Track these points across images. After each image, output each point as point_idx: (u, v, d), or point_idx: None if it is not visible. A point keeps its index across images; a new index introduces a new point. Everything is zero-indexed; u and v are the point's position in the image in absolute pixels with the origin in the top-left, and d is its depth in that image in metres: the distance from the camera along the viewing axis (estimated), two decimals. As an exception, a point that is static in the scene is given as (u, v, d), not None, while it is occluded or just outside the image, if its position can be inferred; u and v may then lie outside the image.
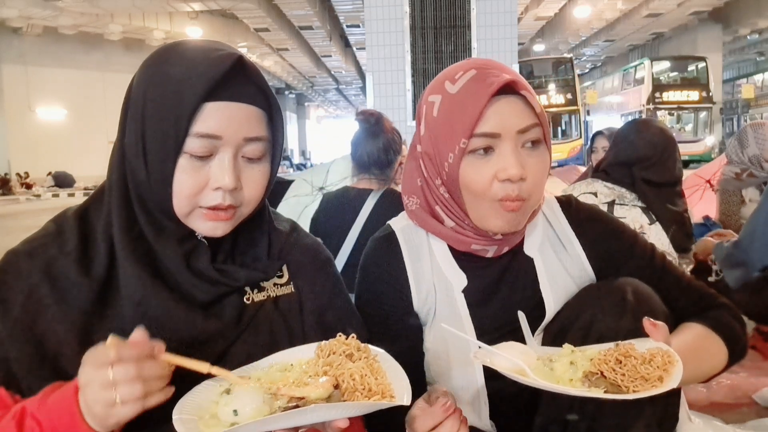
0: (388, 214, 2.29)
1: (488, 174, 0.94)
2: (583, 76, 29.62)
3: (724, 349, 1.00)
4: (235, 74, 0.83)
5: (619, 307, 0.94)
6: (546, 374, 0.83)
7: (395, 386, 0.75)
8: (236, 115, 0.83)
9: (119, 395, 0.70)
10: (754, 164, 2.93)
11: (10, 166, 18.81)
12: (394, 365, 0.80)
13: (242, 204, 0.87)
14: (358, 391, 0.72)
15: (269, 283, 0.95)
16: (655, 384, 0.79)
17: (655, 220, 2.18)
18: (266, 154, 0.89)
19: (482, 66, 0.97)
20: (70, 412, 0.72)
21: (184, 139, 0.81)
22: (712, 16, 20.57)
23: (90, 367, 0.71)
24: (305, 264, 1.00)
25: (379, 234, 1.12)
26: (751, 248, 2.07)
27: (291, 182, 3.17)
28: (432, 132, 0.99)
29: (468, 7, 4.74)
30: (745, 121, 21.04)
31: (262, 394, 0.73)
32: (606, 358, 0.82)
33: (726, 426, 1.57)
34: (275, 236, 0.98)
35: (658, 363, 0.80)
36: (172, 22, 18.96)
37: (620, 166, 2.28)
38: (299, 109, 41.71)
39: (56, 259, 0.84)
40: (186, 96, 0.80)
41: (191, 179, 0.82)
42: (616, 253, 1.07)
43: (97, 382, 0.70)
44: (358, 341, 0.80)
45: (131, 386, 0.70)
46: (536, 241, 1.08)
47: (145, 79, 0.84)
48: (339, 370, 0.74)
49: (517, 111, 0.94)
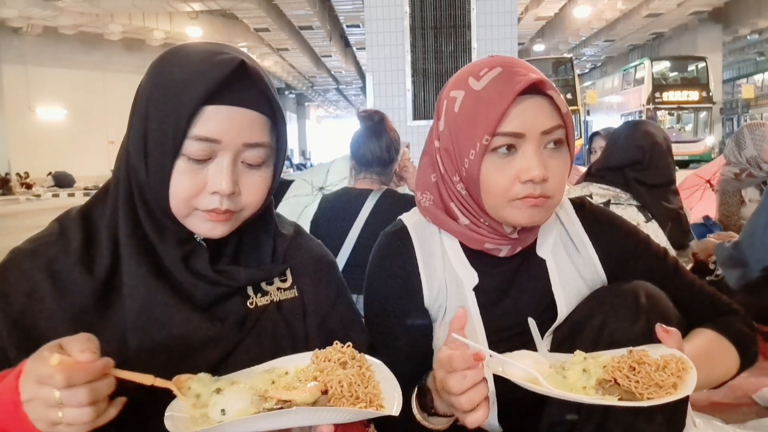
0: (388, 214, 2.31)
1: (510, 174, 0.93)
2: (583, 76, 29.61)
3: (735, 356, 1.00)
4: (238, 78, 0.82)
5: (631, 310, 0.93)
6: (559, 382, 0.82)
7: (387, 396, 0.76)
8: (237, 120, 0.82)
9: (66, 418, 0.66)
10: (752, 165, 2.94)
11: (10, 166, 18.79)
12: (389, 376, 0.80)
13: (242, 209, 0.87)
14: (344, 398, 0.73)
15: (273, 288, 0.94)
16: (669, 391, 0.77)
17: (651, 218, 2.19)
18: (268, 161, 0.88)
19: (509, 64, 0.96)
20: (14, 405, 0.68)
21: (183, 141, 0.81)
22: (712, 16, 20.56)
23: (34, 383, 0.66)
24: (309, 268, 1.00)
25: (391, 229, 1.11)
26: (751, 249, 2.07)
27: (291, 182, 3.17)
28: (452, 128, 0.98)
29: (468, 7, 4.74)
30: (745, 121, 21.03)
31: (250, 396, 0.74)
32: (619, 366, 0.81)
33: (726, 426, 1.57)
34: (279, 240, 0.97)
35: (672, 370, 0.79)
36: (172, 22, 18.94)
37: (613, 170, 2.31)
38: (299, 109, 41.68)
39: (59, 258, 0.84)
40: (186, 98, 0.80)
41: (188, 182, 0.82)
42: (628, 256, 1.06)
43: (42, 400, 0.66)
44: (354, 350, 0.80)
45: (80, 411, 0.66)
46: (549, 243, 1.07)
47: (150, 80, 0.84)
48: (329, 377, 0.75)
49: (542, 111, 0.93)
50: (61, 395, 0.65)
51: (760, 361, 2.42)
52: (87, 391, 0.66)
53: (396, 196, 2.33)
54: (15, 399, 0.68)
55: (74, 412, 0.66)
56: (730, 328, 1.01)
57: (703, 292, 1.07)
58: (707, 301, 1.06)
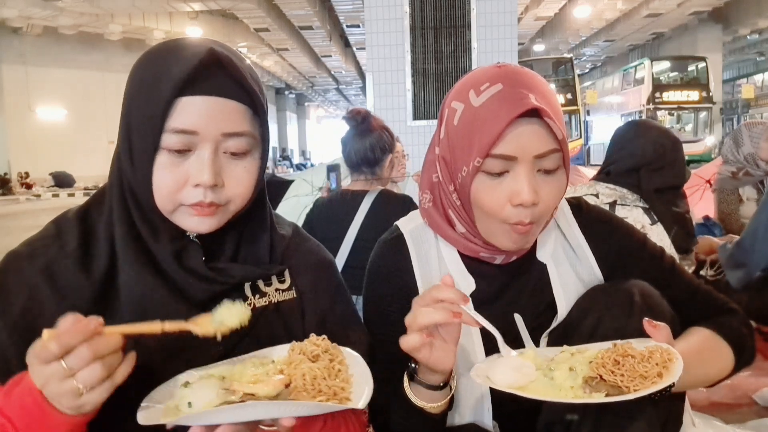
0: (384, 214, 2.32)
1: (501, 196, 0.93)
2: (583, 76, 29.61)
3: (730, 354, 0.99)
4: (211, 68, 0.81)
5: (626, 309, 0.93)
6: (546, 384, 0.83)
7: (356, 390, 0.76)
8: (212, 110, 0.81)
9: (81, 382, 0.68)
10: (749, 163, 2.93)
11: (10, 166, 18.80)
12: (364, 370, 0.80)
13: (227, 202, 0.86)
14: (306, 391, 0.74)
15: (271, 289, 0.94)
16: (654, 380, 0.78)
17: (657, 221, 2.17)
18: (252, 151, 0.87)
19: (511, 81, 0.92)
20: (38, 404, 0.70)
21: (161, 135, 0.81)
22: (712, 16, 20.56)
23: (39, 366, 0.69)
24: (307, 268, 0.99)
25: (387, 236, 1.11)
26: (753, 249, 2.07)
27: (291, 182, 3.18)
28: (450, 140, 0.97)
29: (468, 7, 4.74)
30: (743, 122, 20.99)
31: (216, 389, 0.75)
32: (603, 361, 0.82)
33: (726, 426, 1.57)
34: (278, 240, 0.97)
35: (657, 360, 0.80)
36: (172, 22, 18.95)
37: (626, 172, 2.21)
38: (299, 109, 41.70)
39: (57, 260, 0.84)
40: (160, 92, 0.80)
41: (170, 176, 0.82)
42: (624, 255, 1.06)
43: (54, 377, 0.68)
44: (328, 343, 0.81)
45: (90, 370, 0.68)
46: (549, 248, 1.06)
47: (130, 79, 0.85)
48: (294, 370, 0.76)
49: (538, 136, 0.90)
50: (66, 363, 0.67)
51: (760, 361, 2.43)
52: (87, 348, 0.68)
53: (391, 196, 2.32)
54: (36, 399, 0.70)
55: (85, 373, 0.68)
56: (726, 327, 1.01)
57: (700, 291, 1.07)
58: (704, 301, 1.06)
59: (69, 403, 0.69)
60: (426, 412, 0.92)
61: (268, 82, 30.19)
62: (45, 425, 0.71)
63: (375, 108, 4.82)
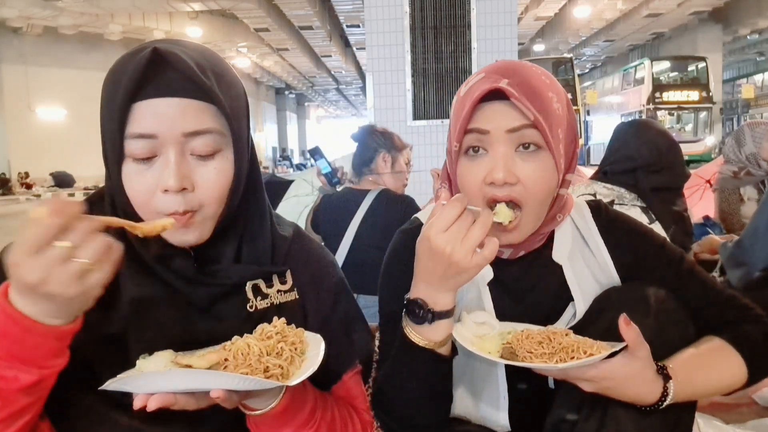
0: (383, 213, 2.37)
1: (479, 176, 0.95)
2: (583, 76, 29.61)
3: (740, 366, 0.96)
4: (160, 69, 0.79)
5: (641, 309, 0.93)
6: (478, 344, 0.92)
7: (298, 371, 0.77)
8: (166, 111, 0.79)
9: (88, 256, 0.66)
10: (751, 162, 2.93)
11: (10, 166, 18.79)
12: (316, 353, 0.79)
13: (201, 206, 0.83)
14: (238, 367, 0.75)
15: (273, 290, 0.94)
16: (551, 357, 0.85)
17: (655, 220, 2.17)
18: (223, 149, 0.84)
19: (493, 69, 0.97)
20: (16, 322, 0.68)
21: (122, 143, 0.80)
22: (712, 16, 20.56)
23: (34, 257, 0.64)
24: (309, 269, 0.99)
25: (406, 227, 1.13)
26: (753, 248, 2.07)
27: (291, 182, 3.18)
28: (448, 131, 1.03)
29: (468, 7, 4.73)
30: (745, 121, 21.02)
31: (166, 361, 0.77)
32: (524, 335, 0.90)
33: (726, 426, 1.57)
34: (279, 241, 0.97)
35: (578, 353, 0.85)
36: (172, 22, 18.94)
37: (623, 172, 2.22)
38: (299, 109, 41.73)
39: None
40: (116, 101, 0.79)
41: (139, 184, 0.81)
42: (642, 259, 1.05)
43: (56, 260, 0.64)
44: (284, 325, 0.82)
45: (94, 240, 0.66)
46: (565, 249, 1.06)
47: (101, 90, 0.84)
48: (234, 347, 0.78)
49: (508, 112, 0.93)
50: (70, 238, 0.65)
51: (760, 361, 2.40)
52: (83, 220, 0.66)
53: (392, 196, 2.38)
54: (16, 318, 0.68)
55: (90, 244, 0.66)
56: (741, 337, 0.98)
57: (720, 297, 1.04)
58: (724, 307, 1.03)
59: (71, 291, 0.66)
60: (435, 353, 0.93)
61: (268, 82, 30.19)
62: (29, 345, 0.69)
63: (375, 108, 4.82)
